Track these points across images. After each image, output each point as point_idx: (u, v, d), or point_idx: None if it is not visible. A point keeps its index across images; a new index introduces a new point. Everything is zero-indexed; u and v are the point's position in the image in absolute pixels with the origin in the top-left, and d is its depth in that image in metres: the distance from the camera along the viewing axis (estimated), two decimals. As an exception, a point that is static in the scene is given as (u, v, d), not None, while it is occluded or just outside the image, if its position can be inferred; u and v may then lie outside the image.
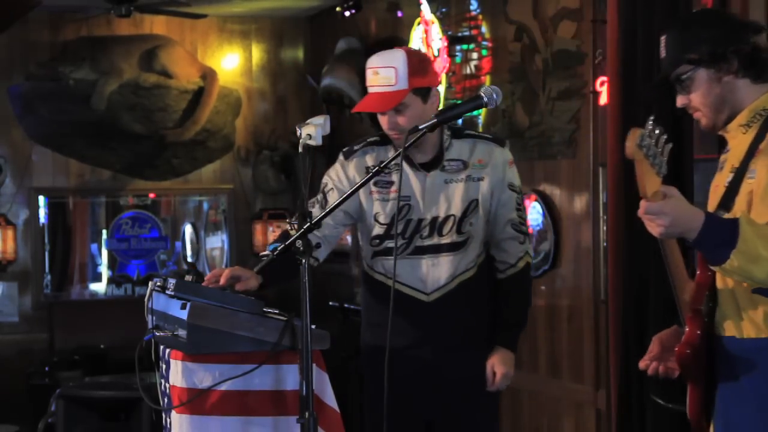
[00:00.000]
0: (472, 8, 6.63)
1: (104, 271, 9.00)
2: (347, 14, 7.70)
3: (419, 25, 7.01)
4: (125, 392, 5.93)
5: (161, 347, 3.36)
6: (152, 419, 5.28)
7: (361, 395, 3.88)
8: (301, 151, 3.38)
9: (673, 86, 2.88)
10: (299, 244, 3.08)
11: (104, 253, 8.98)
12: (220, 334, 3.21)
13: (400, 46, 4.14)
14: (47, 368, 7.78)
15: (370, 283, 3.85)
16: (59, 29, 8.54)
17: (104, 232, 9.01)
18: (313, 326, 3.11)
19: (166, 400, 3.33)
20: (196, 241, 9.17)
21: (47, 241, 8.72)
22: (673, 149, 2.62)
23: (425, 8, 6.91)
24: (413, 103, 3.64)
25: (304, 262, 3.09)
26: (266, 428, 3.26)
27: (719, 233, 2.59)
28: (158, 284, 3.48)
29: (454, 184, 3.74)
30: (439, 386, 3.76)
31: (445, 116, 3.33)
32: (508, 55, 6.20)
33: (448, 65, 6.68)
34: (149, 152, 8.66)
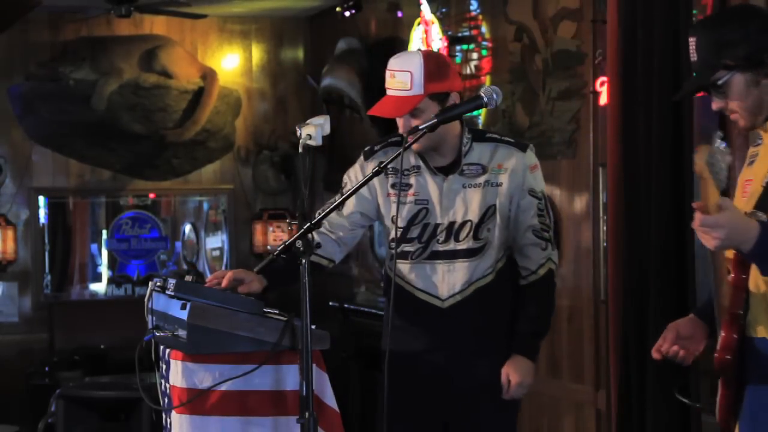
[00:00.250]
0: (472, 8, 6.63)
1: (104, 271, 9.00)
2: (347, 14, 7.69)
3: (419, 25, 7.00)
4: (125, 392, 5.93)
5: (161, 347, 3.36)
6: (152, 419, 5.29)
7: (379, 399, 3.76)
8: (301, 151, 3.38)
9: (707, 90, 2.81)
10: (299, 244, 3.08)
11: (104, 253, 8.98)
12: (220, 334, 3.21)
13: (407, 48, 4.04)
14: (47, 368, 7.78)
15: (389, 286, 3.75)
16: (59, 29, 8.53)
17: (104, 232, 9.00)
18: (313, 326, 3.11)
19: (166, 400, 3.33)
20: (196, 241, 9.17)
21: (47, 241, 8.71)
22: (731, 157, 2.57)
23: (425, 8, 6.90)
24: (429, 108, 3.52)
25: (304, 262, 3.10)
26: (266, 428, 3.26)
27: None
28: (158, 284, 3.48)
29: (472, 188, 3.65)
30: (454, 392, 3.69)
31: (445, 116, 3.34)
32: (508, 55, 6.20)
33: (448, 65, 6.68)
34: (149, 152, 8.66)
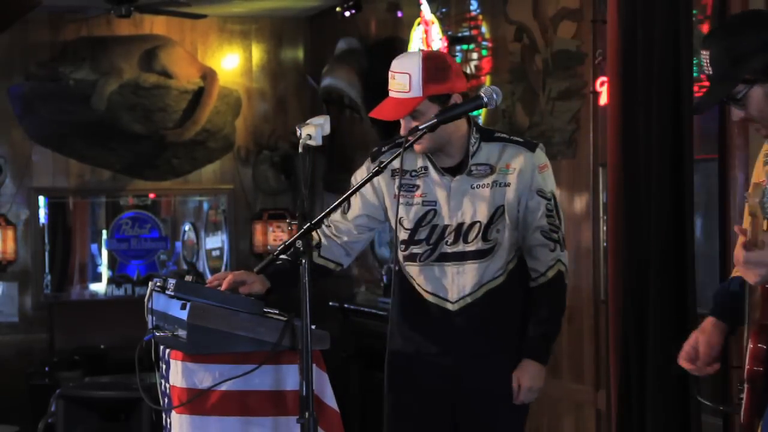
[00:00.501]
0: (472, 8, 6.63)
1: (104, 271, 9.00)
2: (347, 14, 7.69)
3: (419, 25, 7.01)
4: (125, 392, 5.93)
5: (161, 347, 3.36)
6: (152, 419, 5.29)
7: (387, 400, 3.73)
8: (301, 151, 3.38)
9: (725, 102, 2.76)
10: (299, 244, 3.08)
11: (104, 253, 8.98)
12: (220, 334, 3.21)
13: (407, 49, 3.99)
14: (47, 368, 7.78)
15: (400, 287, 3.72)
16: (59, 29, 8.54)
17: (104, 232, 9.00)
18: (313, 326, 3.11)
19: (166, 400, 3.33)
20: (196, 241, 9.17)
21: (47, 241, 8.71)
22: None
23: (425, 8, 6.91)
24: (429, 110, 3.46)
25: (304, 262, 3.09)
26: (266, 428, 3.26)
27: None
28: (158, 284, 3.48)
29: (480, 189, 3.59)
30: (464, 393, 3.66)
31: (445, 116, 3.33)
32: (508, 55, 6.20)
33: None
34: (149, 152, 8.66)
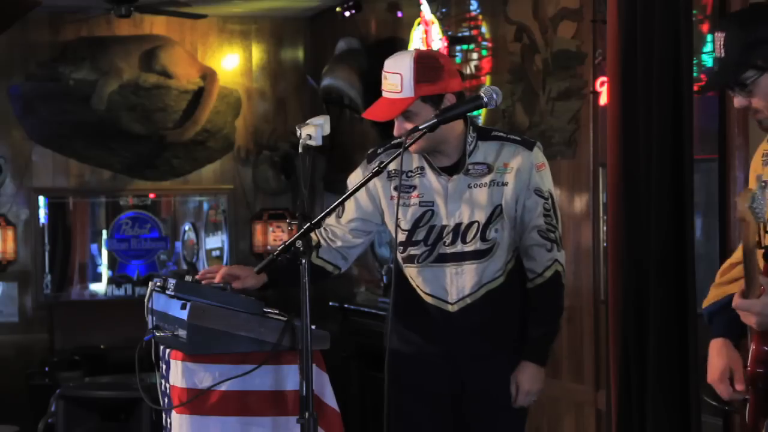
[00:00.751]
0: (472, 8, 6.63)
1: (104, 271, 8.99)
2: (347, 14, 7.69)
3: (419, 25, 7.00)
4: (125, 392, 5.92)
5: (161, 347, 3.36)
6: (152, 419, 5.28)
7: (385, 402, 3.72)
8: (301, 151, 3.38)
9: (731, 87, 2.74)
10: (299, 244, 3.08)
11: (104, 253, 8.97)
12: (220, 334, 3.21)
13: (407, 48, 3.97)
14: (47, 368, 7.78)
15: (399, 287, 3.69)
16: (59, 29, 8.53)
17: (104, 232, 8.99)
18: (313, 326, 3.12)
19: (166, 400, 3.33)
20: (196, 241, 9.16)
21: (47, 241, 8.70)
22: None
23: (425, 8, 6.90)
24: (422, 110, 3.44)
25: (304, 262, 3.10)
26: (266, 428, 3.26)
27: None
28: (158, 284, 3.48)
29: (477, 188, 3.56)
30: (464, 395, 3.66)
31: (445, 116, 3.31)
32: (508, 55, 6.20)
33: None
34: (149, 152, 8.66)
